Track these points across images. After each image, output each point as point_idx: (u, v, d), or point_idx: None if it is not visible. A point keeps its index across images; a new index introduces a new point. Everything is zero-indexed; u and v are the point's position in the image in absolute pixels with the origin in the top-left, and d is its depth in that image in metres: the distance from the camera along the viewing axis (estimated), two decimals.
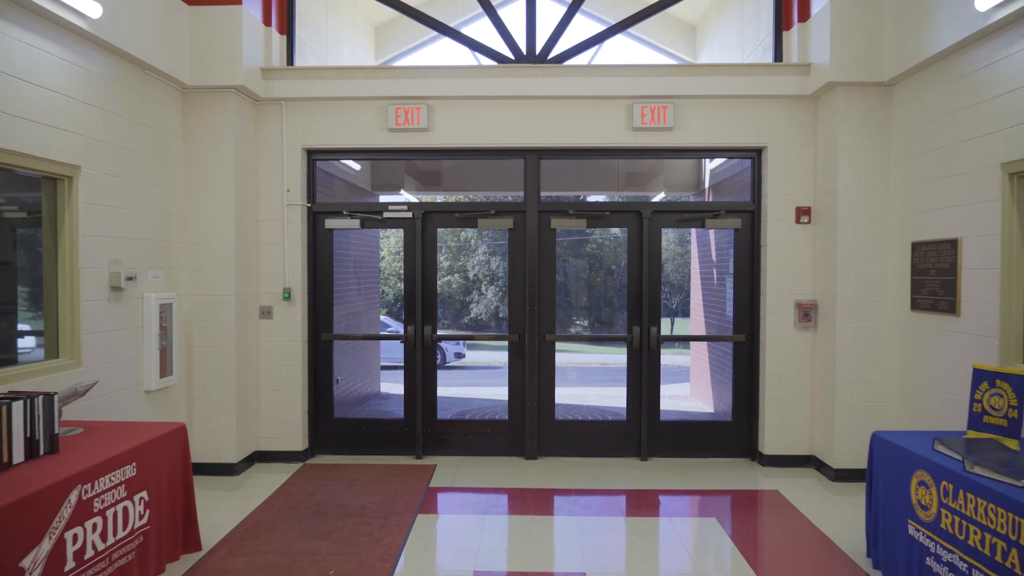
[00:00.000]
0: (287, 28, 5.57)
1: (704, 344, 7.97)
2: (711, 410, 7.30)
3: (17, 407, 2.92)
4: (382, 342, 9.07)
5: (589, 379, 12.11)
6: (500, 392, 6.34)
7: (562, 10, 8.25)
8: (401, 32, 8.46)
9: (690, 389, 8.91)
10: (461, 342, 14.31)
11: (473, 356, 15.30)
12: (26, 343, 3.94)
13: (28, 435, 2.98)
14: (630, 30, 7.71)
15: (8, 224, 4.02)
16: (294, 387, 5.43)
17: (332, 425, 5.67)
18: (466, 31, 8.51)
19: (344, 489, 4.80)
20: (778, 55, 5.52)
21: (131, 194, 4.42)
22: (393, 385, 8.53)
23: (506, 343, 5.67)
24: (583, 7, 5.56)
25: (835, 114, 4.99)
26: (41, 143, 3.63)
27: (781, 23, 5.54)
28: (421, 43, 8.65)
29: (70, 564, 2.78)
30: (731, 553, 3.82)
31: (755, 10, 6.33)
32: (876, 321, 4.96)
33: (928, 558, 3.14)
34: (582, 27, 8.55)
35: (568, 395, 8.90)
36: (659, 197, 7.62)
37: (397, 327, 10.85)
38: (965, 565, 2.87)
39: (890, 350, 4.94)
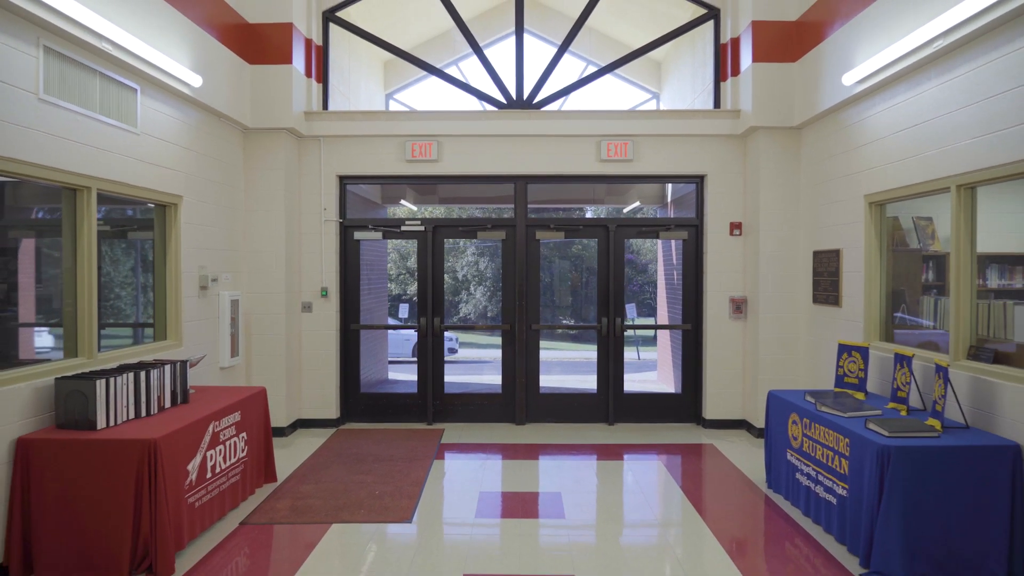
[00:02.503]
0: (323, 77, 6.88)
1: (668, 338, 9.35)
2: (672, 390, 8.67)
3: (167, 369, 4.23)
4: (390, 338, 10.38)
5: (570, 370, 13.47)
6: (491, 379, 7.65)
7: (546, 48, 9.62)
8: (405, 68, 9.78)
9: (657, 376, 10.31)
10: (454, 339, 15.66)
11: (465, 352, 16.63)
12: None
13: (172, 389, 4.28)
14: (602, 60, 9.12)
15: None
16: (329, 367, 6.74)
17: (359, 398, 6.99)
18: (464, 65, 9.91)
19: (374, 445, 6.12)
20: (716, 101, 6.91)
21: (211, 214, 5.72)
22: (398, 374, 9.85)
23: (499, 332, 7.03)
24: (558, 42, 6.90)
25: (758, 150, 6.38)
26: (160, 180, 4.93)
27: (719, 75, 6.93)
28: (422, 76, 9.97)
29: (208, 474, 4.09)
30: (671, 483, 5.19)
31: (703, 58, 7.71)
32: (789, 312, 6.35)
33: (797, 473, 4.53)
34: (563, 62, 9.90)
35: (552, 380, 10.26)
36: (633, 206, 9.05)
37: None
38: (815, 472, 4.26)
39: (800, 335, 6.34)
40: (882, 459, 3.52)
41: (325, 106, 6.91)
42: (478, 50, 6.83)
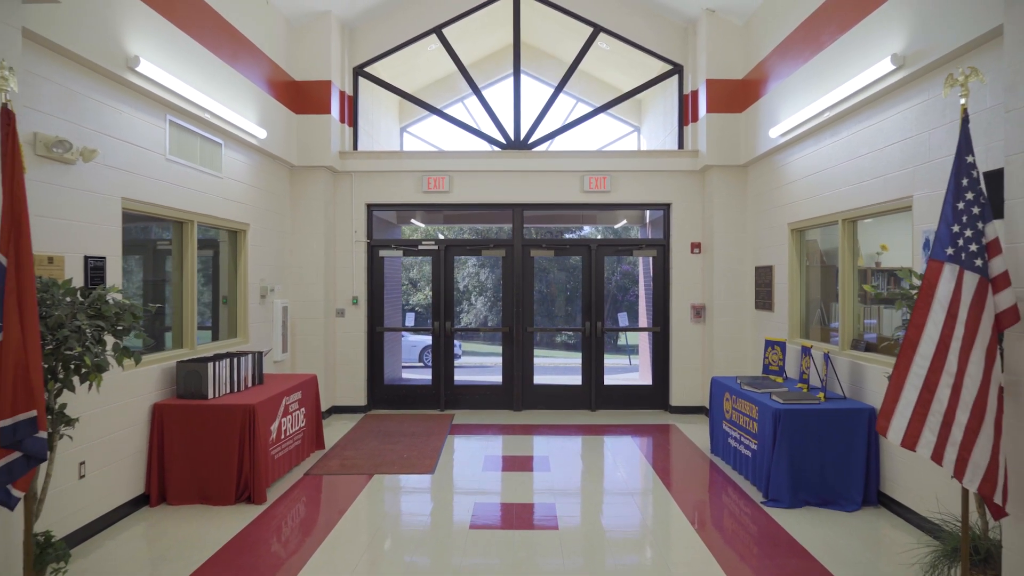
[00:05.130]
0: (353, 122, 8.30)
1: (648, 342, 10.72)
2: (650, 383, 10.02)
3: (249, 357, 5.59)
4: (404, 344, 11.75)
5: (562, 372, 14.83)
6: (492, 378, 8.97)
7: (540, 87, 11.02)
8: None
9: (639, 374, 11.67)
10: (458, 345, 17.03)
11: (468, 359, 17.98)
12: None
13: (252, 372, 5.65)
14: (589, 99, 10.56)
15: (161, 254, 6.65)
16: (358, 362, 8.10)
17: (383, 389, 8.35)
18: (470, 102, 11.32)
19: (398, 425, 7.47)
20: (680, 142, 8.32)
21: (267, 237, 7.11)
22: (409, 374, 11.23)
23: (499, 339, 8.40)
24: (552, 83, 8.32)
25: (713, 184, 7.77)
26: (235, 211, 6.31)
27: (682, 120, 8.34)
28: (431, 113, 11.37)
29: (282, 436, 5.45)
30: (637, 451, 6.54)
31: (673, 103, 9.12)
32: (738, 317, 7.73)
33: (728, 439, 5.89)
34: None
35: (544, 379, 11.61)
36: (621, 224, 10.48)
37: None
38: (739, 435, 5.62)
39: (746, 335, 7.71)
40: (776, 419, 4.88)
41: (355, 146, 8.32)
42: (479, 94, 8.24)
